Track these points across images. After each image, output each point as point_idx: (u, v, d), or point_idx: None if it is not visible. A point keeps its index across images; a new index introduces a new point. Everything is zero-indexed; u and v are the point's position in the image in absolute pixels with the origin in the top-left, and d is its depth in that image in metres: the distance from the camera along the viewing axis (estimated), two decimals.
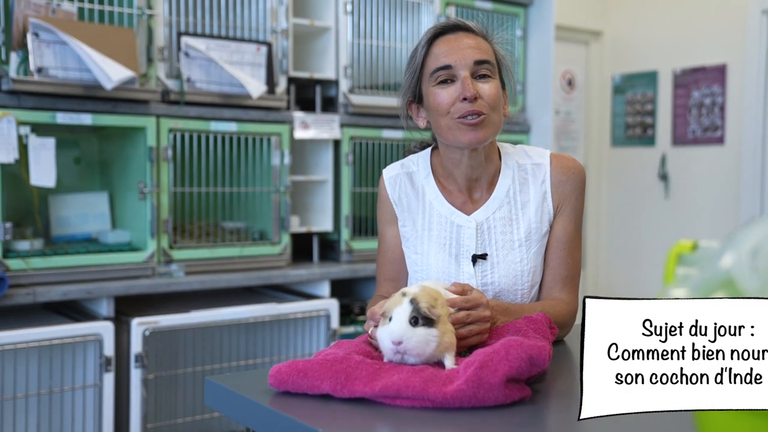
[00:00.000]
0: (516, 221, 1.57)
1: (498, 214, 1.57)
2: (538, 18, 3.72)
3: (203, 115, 2.80)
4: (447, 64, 1.50)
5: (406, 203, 1.62)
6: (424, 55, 1.54)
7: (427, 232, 1.59)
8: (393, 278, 1.66)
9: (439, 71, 1.51)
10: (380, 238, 1.68)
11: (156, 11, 2.70)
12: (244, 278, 2.83)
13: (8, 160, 2.39)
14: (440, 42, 1.53)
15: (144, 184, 2.68)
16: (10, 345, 2.32)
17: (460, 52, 1.51)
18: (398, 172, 1.65)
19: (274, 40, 2.97)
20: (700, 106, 4.58)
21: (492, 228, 1.56)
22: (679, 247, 0.72)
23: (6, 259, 2.43)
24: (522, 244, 1.56)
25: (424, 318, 1.16)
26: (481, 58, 1.51)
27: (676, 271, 0.71)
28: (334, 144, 3.17)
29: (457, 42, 1.52)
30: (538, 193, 1.58)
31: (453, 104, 1.50)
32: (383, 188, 1.65)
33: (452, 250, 1.56)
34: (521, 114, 3.73)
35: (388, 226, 1.65)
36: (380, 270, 1.68)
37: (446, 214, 1.58)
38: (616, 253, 5.08)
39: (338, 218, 3.18)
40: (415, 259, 1.60)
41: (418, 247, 1.60)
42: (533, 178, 1.59)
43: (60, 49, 2.45)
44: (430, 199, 1.60)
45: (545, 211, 1.58)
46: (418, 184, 1.63)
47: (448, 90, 1.50)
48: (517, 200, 1.58)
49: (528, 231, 1.56)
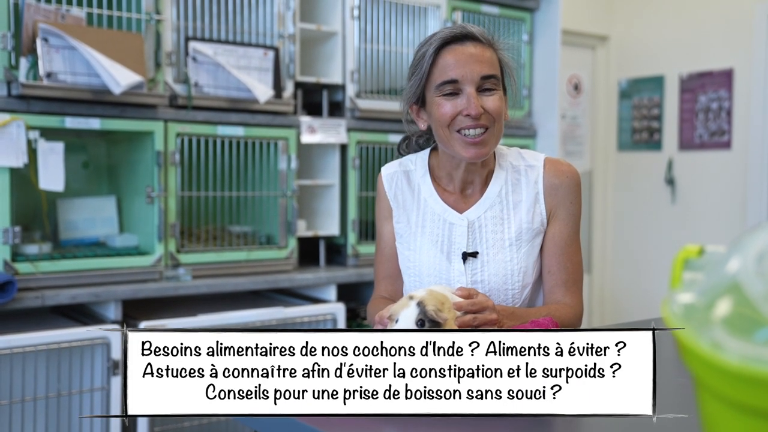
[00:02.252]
0: (507, 221, 1.59)
1: (489, 213, 1.59)
2: (545, 23, 3.72)
3: (211, 119, 2.81)
4: (453, 78, 1.51)
5: (402, 200, 1.65)
6: (431, 64, 1.54)
7: (420, 229, 1.61)
8: (390, 275, 1.67)
9: (445, 84, 1.52)
10: (378, 236, 1.71)
11: (164, 16, 2.72)
12: (251, 282, 2.84)
13: (18, 164, 2.41)
14: (447, 52, 1.53)
15: (152, 188, 2.69)
16: (19, 348, 2.34)
17: (467, 66, 1.50)
18: (396, 169, 1.67)
19: (281, 44, 2.98)
20: (706, 111, 4.58)
21: (483, 226, 1.58)
22: (686, 251, 0.72)
23: (15, 262, 2.44)
24: (512, 244, 1.57)
25: (430, 321, 1.16)
26: (487, 73, 1.52)
27: (683, 276, 0.71)
28: (341, 148, 3.18)
29: (463, 53, 1.52)
30: (530, 194, 1.59)
31: (456, 117, 1.51)
32: (381, 185, 1.68)
33: (444, 248, 1.58)
34: (527, 118, 3.74)
35: (385, 223, 1.68)
36: (378, 267, 1.70)
37: (440, 211, 1.60)
38: (623, 258, 5.07)
39: (345, 222, 3.19)
40: (408, 255, 1.62)
41: (411, 243, 1.62)
42: (526, 179, 1.60)
43: (69, 54, 2.47)
44: (425, 197, 1.63)
45: (537, 213, 1.59)
46: (415, 183, 1.65)
47: (452, 102, 1.51)
48: (509, 200, 1.60)
49: (519, 231, 1.58)
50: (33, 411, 2.44)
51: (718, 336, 0.58)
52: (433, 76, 1.54)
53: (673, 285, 0.71)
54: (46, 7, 2.48)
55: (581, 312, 1.60)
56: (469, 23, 1.90)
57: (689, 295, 0.64)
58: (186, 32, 2.81)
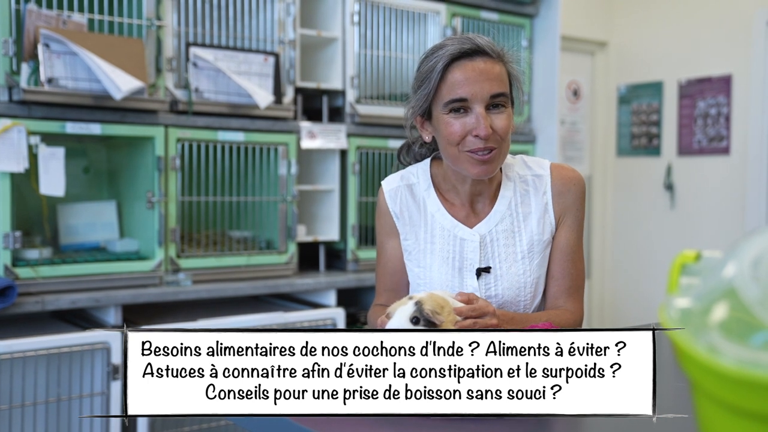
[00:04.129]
0: (518, 233, 1.57)
1: (500, 227, 1.56)
2: (544, 28, 3.73)
3: (211, 124, 2.82)
4: (463, 97, 1.46)
5: (408, 216, 1.60)
6: (439, 80, 1.48)
7: (429, 246, 1.58)
8: (393, 289, 1.65)
9: (453, 102, 1.47)
10: (379, 250, 1.67)
11: (165, 22, 2.73)
12: (250, 287, 2.84)
13: (18, 169, 2.41)
14: (456, 69, 1.47)
15: (152, 193, 2.70)
16: (19, 353, 2.34)
17: (477, 85, 1.46)
18: (398, 184, 1.62)
19: (281, 50, 2.99)
20: (705, 117, 4.58)
21: (495, 241, 1.56)
22: (683, 257, 0.73)
23: (15, 267, 2.44)
24: (525, 256, 1.55)
25: (425, 320, 1.17)
26: (497, 91, 1.47)
27: (680, 281, 0.72)
28: (341, 154, 3.19)
29: (473, 70, 1.47)
30: (539, 204, 1.58)
31: (465, 136, 1.47)
32: (383, 201, 1.63)
33: (456, 264, 1.55)
34: (527, 124, 3.75)
35: (387, 238, 1.64)
36: (380, 280, 1.67)
37: (449, 227, 1.57)
38: (622, 263, 5.08)
39: (345, 227, 3.19)
40: (418, 272, 1.59)
41: (420, 260, 1.58)
42: (534, 190, 1.58)
43: (70, 60, 2.48)
44: (432, 212, 1.59)
45: (547, 222, 1.57)
46: (419, 197, 1.61)
47: (461, 121, 1.47)
48: (519, 212, 1.58)
49: (530, 243, 1.56)
50: (33, 416, 2.44)
51: (714, 340, 0.58)
52: (441, 93, 1.49)
53: (670, 290, 0.71)
54: (48, 12, 2.49)
55: (581, 318, 1.59)
56: (474, 33, 1.88)
57: (686, 300, 0.64)
58: (187, 38, 2.82)
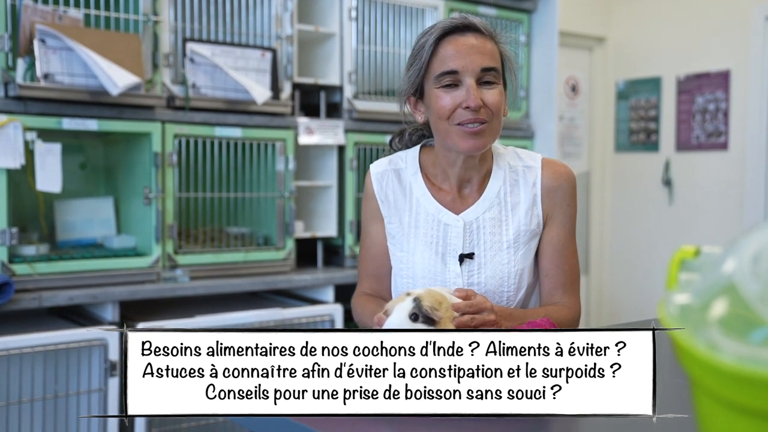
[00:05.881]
0: (506, 222, 1.56)
1: (488, 215, 1.56)
2: (542, 24, 3.73)
3: (208, 120, 2.81)
4: (453, 69, 1.47)
5: (393, 200, 1.61)
6: (430, 55, 1.50)
7: (413, 230, 1.58)
8: (375, 274, 1.65)
9: (444, 75, 1.48)
10: (364, 234, 1.67)
11: (161, 17, 2.71)
12: (248, 283, 2.84)
13: (15, 165, 2.40)
14: (447, 43, 1.49)
15: (149, 189, 2.69)
16: (16, 350, 2.33)
17: (468, 57, 1.47)
18: (386, 168, 1.63)
19: (278, 46, 2.98)
20: (703, 112, 4.58)
21: (481, 228, 1.55)
22: (682, 252, 0.72)
23: (12, 264, 2.44)
24: (510, 246, 1.55)
25: (424, 316, 1.17)
26: (488, 65, 1.48)
27: (679, 277, 0.71)
28: (339, 149, 3.18)
29: (464, 44, 1.49)
30: (528, 196, 1.57)
31: (455, 110, 1.47)
32: (369, 184, 1.63)
33: (438, 249, 1.55)
34: (525, 120, 3.74)
35: (372, 222, 1.64)
36: (362, 265, 1.67)
37: (434, 212, 1.57)
38: (620, 259, 5.08)
39: (342, 223, 3.19)
40: (401, 256, 1.59)
41: (404, 244, 1.58)
42: (524, 181, 1.58)
43: (66, 56, 2.47)
44: (418, 197, 1.59)
45: (534, 215, 1.57)
46: (406, 181, 1.61)
47: (451, 94, 1.48)
48: (508, 201, 1.57)
49: (517, 233, 1.56)
50: (30, 412, 2.43)
51: (713, 336, 0.58)
52: (432, 67, 1.50)
53: (669, 286, 0.71)
54: (44, 8, 2.48)
55: (579, 313, 1.59)
56: None
57: (685, 296, 0.64)
58: (183, 33, 2.81)
